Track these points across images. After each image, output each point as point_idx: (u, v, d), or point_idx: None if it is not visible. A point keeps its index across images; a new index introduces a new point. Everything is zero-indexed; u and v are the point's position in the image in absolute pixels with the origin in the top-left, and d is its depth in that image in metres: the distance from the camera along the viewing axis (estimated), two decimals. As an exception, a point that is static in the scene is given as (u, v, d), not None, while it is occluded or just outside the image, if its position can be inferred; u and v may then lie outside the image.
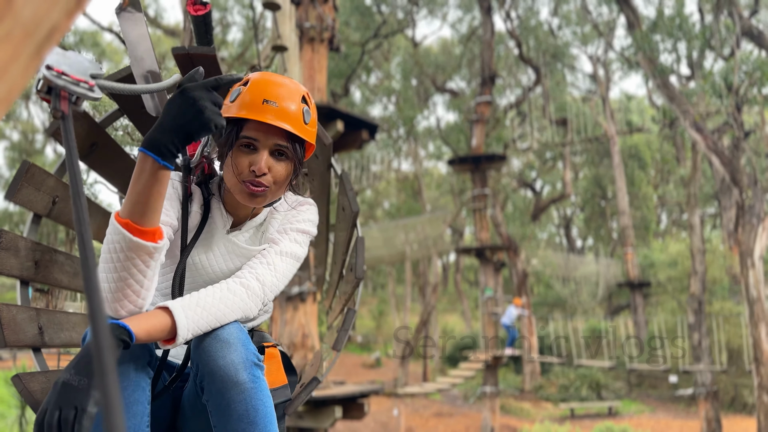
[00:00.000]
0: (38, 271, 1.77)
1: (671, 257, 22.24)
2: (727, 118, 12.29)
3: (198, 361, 1.26)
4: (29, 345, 1.69)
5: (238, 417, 1.22)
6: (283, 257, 1.45)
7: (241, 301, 1.32)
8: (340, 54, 18.37)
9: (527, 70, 23.81)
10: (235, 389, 1.22)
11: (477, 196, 17.60)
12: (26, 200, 1.74)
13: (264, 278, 1.39)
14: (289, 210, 1.53)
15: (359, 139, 8.81)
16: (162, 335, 1.20)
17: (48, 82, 0.75)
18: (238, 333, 1.28)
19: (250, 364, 1.25)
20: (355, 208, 1.87)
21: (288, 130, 1.39)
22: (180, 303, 1.23)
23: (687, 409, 18.76)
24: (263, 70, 2.05)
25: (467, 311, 29.31)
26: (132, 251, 1.19)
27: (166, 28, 19.34)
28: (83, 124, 1.84)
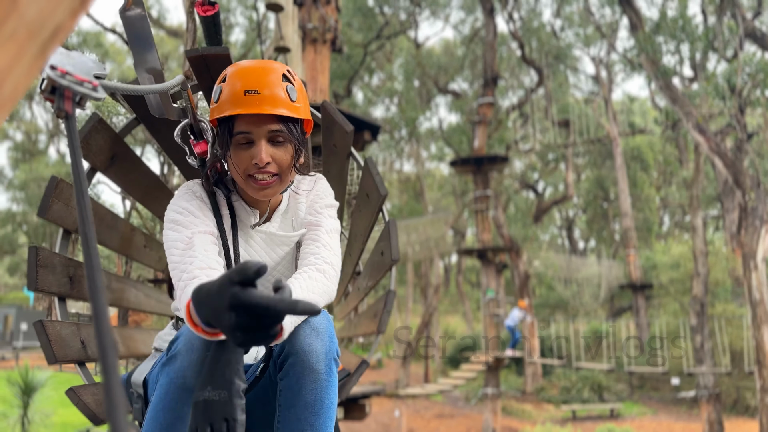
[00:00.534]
0: (73, 287, 1.79)
1: (674, 259, 22.20)
2: (730, 120, 12.27)
3: (285, 341, 1.27)
4: (75, 360, 1.72)
5: (305, 404, 1.25)
6: (332, 234, 1.48)
7: (324, 286, 1.35)
8: (343, 55, 18.40)
9: (530, 72, 23.81)
10: (311, 376, 1.25)
11: (479, 198, 17.59)
12: (57, 216, 1.76)
13: (331, 259, 1.42)
14: (310, 190, 1.56)
15: (361, 141, 8.81)
16: None
17: (52, 82, 0.75)
18: (326, 323, 1.31)
19: (331, 357, 1.28)
20: (383, 191, 1.85)
21: (277, 114, 1.38)
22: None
23: (689, 411, 18.71)
24: None
25: (469, 312, 29.28)
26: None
27: (169, 29, 19.38)
28: (104, 136, 1.84)
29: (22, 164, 25.61)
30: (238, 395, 1.08)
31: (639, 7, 13.58)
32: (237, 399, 1.08)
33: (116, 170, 1.98)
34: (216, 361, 1.11)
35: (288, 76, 1.44)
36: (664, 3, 16.45)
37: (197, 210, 1.42)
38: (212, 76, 1.76)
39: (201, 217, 1.41)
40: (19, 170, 25.54)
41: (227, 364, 1.10)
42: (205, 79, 1.78)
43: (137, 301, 2.30)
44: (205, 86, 1.80)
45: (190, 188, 1.48)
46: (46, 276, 1.66)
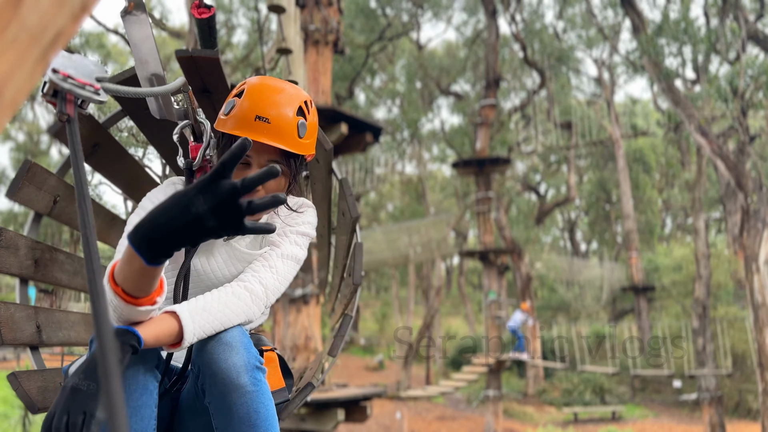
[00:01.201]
0: (38, 270, 1.77)
1: (676, 261, 22.16)
2: (733, 123, 12.25)
3: (200, 364, 1.26)
4: (27, 343, 1.69)
5: (240, 420, 1.23)
6: (285, 260, 1.45)
7: (245, 306, 1.33)
8: (345, 56, 18.41)
9: (532, 74, 23.81)
10: (237, 392, 1.22)
11: (481, 199, 17.58)
12: (27, 199, 1.74)
13: (267, 282, 1.39)
14: (289, 213, 1.53)
15: (363, 142, 8.82)
16: (169, 339, 1.21)
17: (54, 85, 0.76)
18: (240, 336, 1.28)
19: (252, 368, 1.25)
20: (355, 213, 1.87)
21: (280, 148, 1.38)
22: (187, 307, 1.24)
23: (691, 414, 18.67)
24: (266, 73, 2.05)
25: (470, 314, 29.26)
26: (130, 313, 1.14)
27: (172, 30, 19.41)
28: (86, 124, 1.84)
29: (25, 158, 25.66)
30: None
31: (641, 9, 13.57)
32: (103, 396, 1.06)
33: (98, 159, 1.98)
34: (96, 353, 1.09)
35: (304, 110, 1.44)
36: (667, 5, 16.42)
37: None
38: (202, 78, 1.77)
39: None
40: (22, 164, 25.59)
41: None
42: (195, 80, 1.78)
43: None
44: (196, 87, 1.81)
45: (173, 183, 1.49)
46: (7, 257, 1.63)
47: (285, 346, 7.72)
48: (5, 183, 28.68)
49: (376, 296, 35.53)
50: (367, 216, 29.53)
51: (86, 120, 1.84)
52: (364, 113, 24.14)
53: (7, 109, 0.43)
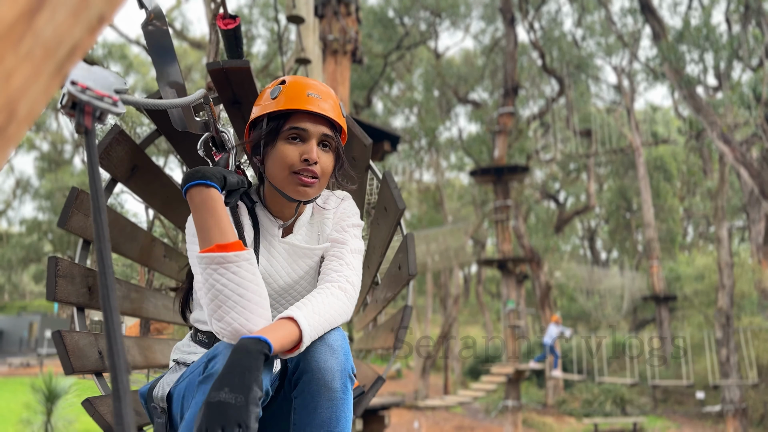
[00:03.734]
0: (92, 297, 1.81)
1: (698, 270, 21.84)
2: (756, 130, 12.06)
3: (300, 359, 1.28)
4: (92, 370, 1.72)
5: (321, 422, 1.25)
6: (355, 255, 1.49)
7: (344, 305, 1.36)
8: (363, 66, 18.50)
9: (550, 81, 23.69)
10: (327, 395, 1.25)
11: (499, 208, 17.49)
12: (77, 227, 1.78)
13: (352, 279, 1.43)
14: (337, 207, 1.57)
15: (381, 151, 8.83)
16: (291, 345, 1.23)
17: (72, 97, 0.76)
18: (342, 341, 1.31)
19: (346, 375, 1.28)
20: (402, 205, 1.85)
21: (332, 120, 1.46)
22: (301, 312, 1.26)
23: (714, 426, 18.30)
24: None
25: (489, 323, 29.06)
26: (232, 265, 1.25)
27: (192, 41, 19.67)
28: (125, 147, 1.87)
29: (48, 174, 26.11)
30: (254, 402, 1.07)
31: (662, 15, 13.45)
32: (253, 406, 1.07)
33: (137, 181, 2.00)
34: (235, 365, 1.11)
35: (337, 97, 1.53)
36: (688, 11, 16.26)
37: None
38: (233, 89, 1.78)
39: None
40: (45, 180, 26.04)
41: (247, 369, 1.10)
42: (225, 92, 1.79)
43: (156, 311, 2.32)
44: (226, 98, 1.82)
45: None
46: (66, 286, 1.68)
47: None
48: (29, 191, 29.18)
49: (394, 304, 35.45)
50: (385, 224, 29.49)
51: (125, 142, 1.87)
52: (382, 122, 24.19)
53: (23, 123, 0.43)
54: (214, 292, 1.25)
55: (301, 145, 1.43)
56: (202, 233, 1.28)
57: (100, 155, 1.80)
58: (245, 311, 1.25)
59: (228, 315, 1.24)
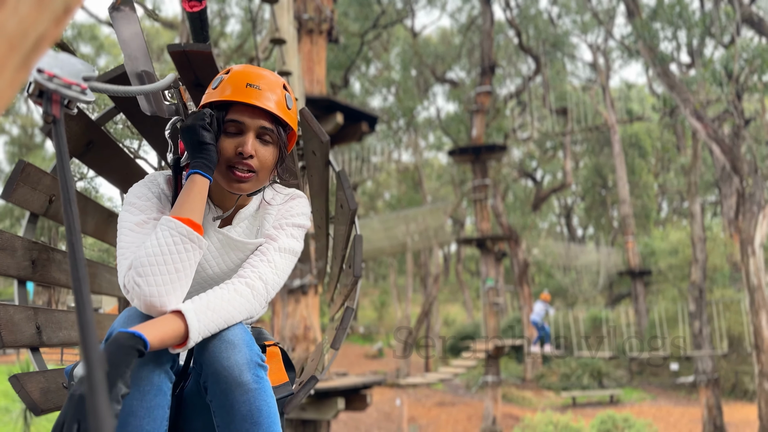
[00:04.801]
0: (35, 270, 1.77)
1: (672, 245, 22.25)
2: (728, 106, 12.24)
3: (202, 362, 1.27)
4: (27, 345, 1.69)
5: (242, 417, 1.23)
6: (282, 253, 1.45)
7: (247, 302, 1.34)
8: (339, 45, 18.31)
9: (527, 60, 23.71)
10: (239, 390, 1.23)
11: (477, 187, 17.58)
12: (22, 200, 1.74)
13: (266, 277, 1.40)
14: (283, 204, 1.54)
15: (359, 131, 8.79)
16: (175, 340, 1.22)
17: (39, 85, 0.75)
18: (242, 334, 1.29)
19: (254, 365, 1.26)
20: (353, 205, 1.87)
21: (273, 113, 1.42)
22: (191, 306, 1.25)
23: (688, 396, 18.82)
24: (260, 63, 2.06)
25: (468, 301, 29.36)
26: (189, 243, 1.28)
27: (165, 21, 19.26)
28: (79, 122, 1.83)
29: (19, 158, 25.53)
30: (115, 400, 1.06)
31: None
32: (113, 403, 1.05)
33: (92, 157, 1.97)
34: (104, 359, 1.08)
35: (287, 88, 1.49)
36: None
37: (156, 198, 1.44)
38: (194, 72, 1.76)
39: (157, 205, 1.43)
40: (16, 164, 25.46)
41: (114, 365, 1.07)
42: (187, 74, 1.77)
43: (110, 287, 2.29)
44: (188, 81, 1.80)
45: (155, 178, 1.49)
46: (5, 259, 1.64)
47: (284, 337, 7.74)
48: (0, 176, 28.55)
49: (375, 285, 35.60)
50: (365, 205, 29.51)
51: (79, 117, 1.83)
52: (360, 102, 24.05)
53: (-11, 117, 0.43)
54: (158, 250, 1.25)
55: (238, 137, 1.41)
56: (179, 205, 1.33)
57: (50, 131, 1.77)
58: (170, 284, 1.25)
59: (154, 276, 1.24)
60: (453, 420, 17.84)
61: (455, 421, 17.74)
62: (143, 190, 1.45)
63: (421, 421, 17.56)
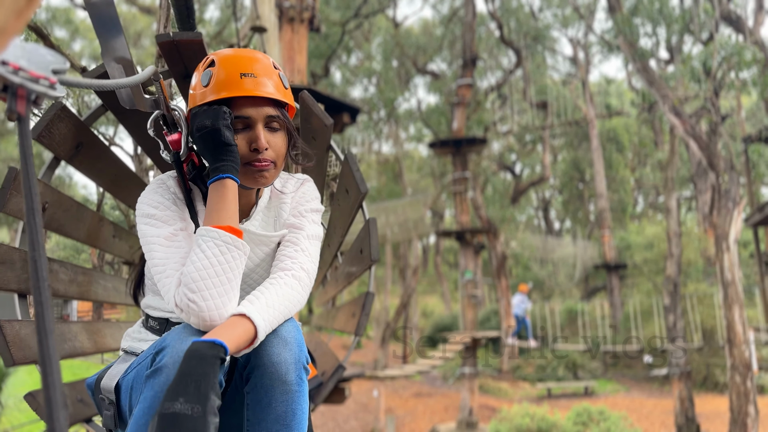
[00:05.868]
0: None
1: (647, 239, 22.56)
2: (705, 103, 12.39)
3: (251, 353, 1.23)
4: (35, 361, 1.63)
5: (276, 417, 1.21)
6: (312, 240, 1.44)
7: (297, 294, 1.32)
8: (320, 34, 18.12)
9: (508, 53, 23.75)
10: (282, 388, 1.21)
11: (457, 179, 17.60)
12: (16, 209, 1.67)
13: (307, 266, 1.38)
14: (295, 191, 1.51)
15: (340, 123, 8.71)
16: (246, 343, 1.18)
17: (3, 79, 0.68)
18: (295, 332, 1.27)
19: (300, 366, 1.24)
20: (364, 189, 1.81)
21: (275, 98, 1.37)
22: (254, 307, 1.22)
23: (661, 388, 19.17)
24: None
25: (447, 293, 29.50)
26: (236, 251, 1.25)
27: (142, 6, 18.88)
28: (68, 123, 1.75)
29: (10, 166, 24.95)
30: (213, 412, 1.01)
31: (617, -12, 13.55)
32: (211, 416, 1.01)
33: (82, 159, 1.90)
34: (190, 373, 1.04)
35: (276, 65, 1.43)
36: (642, -15, 16.43)
37: (173, 205, 1.37)
38: (184, 63, 1.68)
39: (178, 212, 1.36)
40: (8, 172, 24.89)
41: (203, 377, 1.03)
42: (176, 65, 1.69)
43: (105, 293, 2.23)
44: (177, 73, 1.72)
45: (164, 182, 1.42)
46: (5, 273, 1.58)
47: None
48: (-30, 163, 27.84)
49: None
50: (344, 195, 29.35)
51: (68, 118, 1.75)
52: (340, 92, 23.90)
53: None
54: (207, 263, 1.21)
55: (247, 132, 1.36)
56: (215, 212, 1.28)
57: (41, 132, 1.68)
58: (225, 294, 1.21)
59: (208, 290, 1.20)
60: (430, 411, 17.95)
61: (432, 412, 17.85)
62: (157, 198, 1.37)
63: (398, 412, 17.64)
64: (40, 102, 0.75)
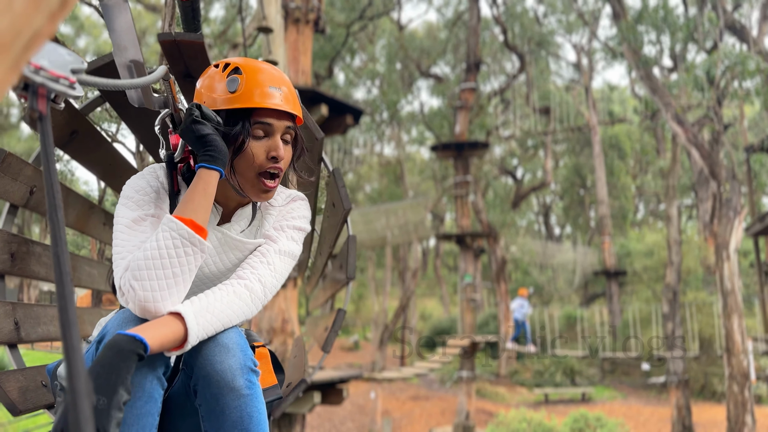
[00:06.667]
0: (14, 264, 1.71)
1: (647, 247, 22.56)
2: (707, 112, 12.41)
3: (193, 364, 1.23)
4: (5, 341, 1.63)
5: (233, 423, 1.20)
6: (282, 256, 1.42)
7: (245, 305, 1.31)
8: (325, 35, 18.16)
9: (512, 57, 23.77)
10: (231, 395, 1.20)
11: (459, 183, 17.61)
12: (3, 191, 1.67)
13: (265, 279, 1.37)
14: (284, 205, 1.51)
15: (343, 124, 8.72)
16: (174, 344, 1.17)
17: (24, 78, 0.69)
18: (237, 338, 1.26)
19: (247, 370, 1.23)
20: (347, 205, 1.84)
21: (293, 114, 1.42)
22: (191, 308, 1.21)
23: (658, 396, 19.15)
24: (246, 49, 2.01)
25: (446, 296, 29.49)
26: (191, 247, 1.23)
27: (147, 4, 18.92)
28: (63, 112, 1.77)
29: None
30: (117, 407, 1.01)
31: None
32: (115, 411, 1.01)
33: (76, 147, 1.91)
34: (104, 364, 1.03)
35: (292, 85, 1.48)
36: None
37: (154, 193, 1.38)
38: (185, 62, 1.70)
39: (156, 201, 1.37)
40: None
41: (115, 370, 1.03)
42: (177, 65, 1.72)
43: (90, 280, 2.23)
44: (178, 71, 1.75)
45: (155, 171, 1.43)
46: None
47: (261, 329, 7.68)
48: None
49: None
50: (345, 197, 29.34)
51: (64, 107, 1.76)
52: (343, 93, 23.92)
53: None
54: (156, 253, 1.20)
55: (266, 140, 1.38)
56: (188, 204, 1.26)
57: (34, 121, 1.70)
58: (166, 288, 1.20)
59: (150, 281, 1.19)
60: (427, 414, 17.93)
61: (429, 415, 17.83)
62: (141, 183, 1.39)
63: (394, 415, 17.62)
64: (59, 101, 0.76)
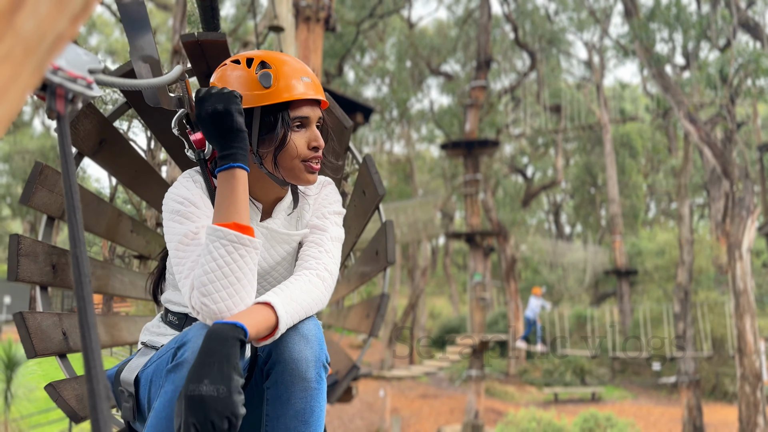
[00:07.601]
0: (56, 275, 1.74)
1: (659, 246, 22.41)
2: (720, 110, 12.30)
3: (272, 348, 1.25)
4: (56, 352, 1.66)
5: (295, 413, 1.23)
6: (335, 242, 1.46)
7: (320, 293, 1.34)
8: (335, 33, 18.17)
9: (522, 55, 23.68)
10: (301, 384, 1.23)
11: (468, 181, 17.58)
12: (41, 203, 1.70)
13: (330, 267, 1.40)
14: (318, 192, 1.54)
15: (354, 123, 8.73)
16: (267, 331, 1.20)
17: (43, 78, 0.70)
18: (316, 330, 1.28)
19: (320, 364, 1.26)
20: (381, 191, 1.83)
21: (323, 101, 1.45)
22: (278, 298, 1.23)
23: (669, 396, 19.04)
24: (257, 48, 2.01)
25: (455, 295, 29.46)
26: (243, 248, 1.23)
27: (158, 2, 19.00)
28: (93, 120, 1.79)
29: (6, 136, 25.20)
30: (237, 391, 1.05)
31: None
32: (236, 395, 1.04)
33: (104, 155, 1.93)
34: (212, 354, 1.07)
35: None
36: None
37: (200, 201, 1.38)
38: (208, 62, 1.70)
39: (203, 209, 1.37)
40: (3, 142, 25.14)
41: (226, 358, 1.06)
42: (200, 65, 1.72)
43: (122, 287, 2.26)
44: (200, 72, 1.75)
45: (191, 177, 1.43)
46: (28, 265, 1.61)
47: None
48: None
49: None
50: (354, 195, 29.37)
51: (93, 115, 1.78)
52: (353, 91, 23.93)
53: (1, 125, 0.38)
54: (214, 265, 1.21)
55: (304, 132, 1.41)
56: (223, 208, 1.26)
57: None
58: (236, 295, 1.22)
59: (218, 292, 1.20)
60: (435, 412, 17.94)
61: (438, 414, 17.83)
62: (183, 192, 1.38)
63: (403, 413, 17.64)
64: (76, 101, 0.77)
